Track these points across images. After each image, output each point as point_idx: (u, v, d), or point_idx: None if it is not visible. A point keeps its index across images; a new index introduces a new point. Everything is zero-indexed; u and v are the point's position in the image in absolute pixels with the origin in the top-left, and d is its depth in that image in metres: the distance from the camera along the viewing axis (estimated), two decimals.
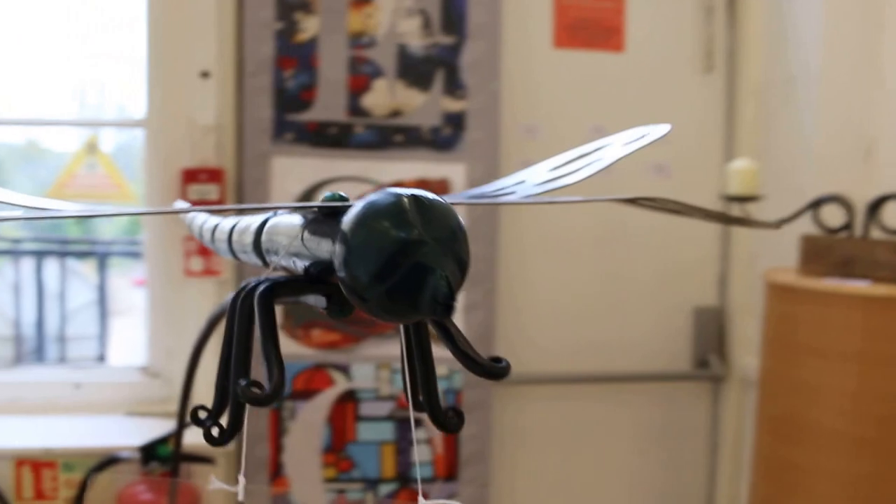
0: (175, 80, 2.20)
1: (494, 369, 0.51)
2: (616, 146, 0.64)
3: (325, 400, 2.24)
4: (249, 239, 0.67)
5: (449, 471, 2.28)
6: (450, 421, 0.56)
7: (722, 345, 2.51)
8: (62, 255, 4.18)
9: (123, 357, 4.14)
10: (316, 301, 0.55)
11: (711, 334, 2.51)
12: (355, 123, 2.24)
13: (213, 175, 2.18)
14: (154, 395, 2.28)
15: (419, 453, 2.28)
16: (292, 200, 2.22)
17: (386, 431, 2.26)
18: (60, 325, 3.98)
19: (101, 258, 4.08)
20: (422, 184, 2.23)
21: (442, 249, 0.47)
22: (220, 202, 2.18)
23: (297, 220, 0.57)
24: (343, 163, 2.23)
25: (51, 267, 4.24)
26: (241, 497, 0.56)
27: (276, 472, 2.23)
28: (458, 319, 2.25)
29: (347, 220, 0.48)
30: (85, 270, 4.36)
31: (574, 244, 2.42)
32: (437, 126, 2.25)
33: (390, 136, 2.24)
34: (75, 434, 2.10)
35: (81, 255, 4.34)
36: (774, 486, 1.90)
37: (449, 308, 0.46)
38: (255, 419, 2.22)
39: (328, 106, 2.23)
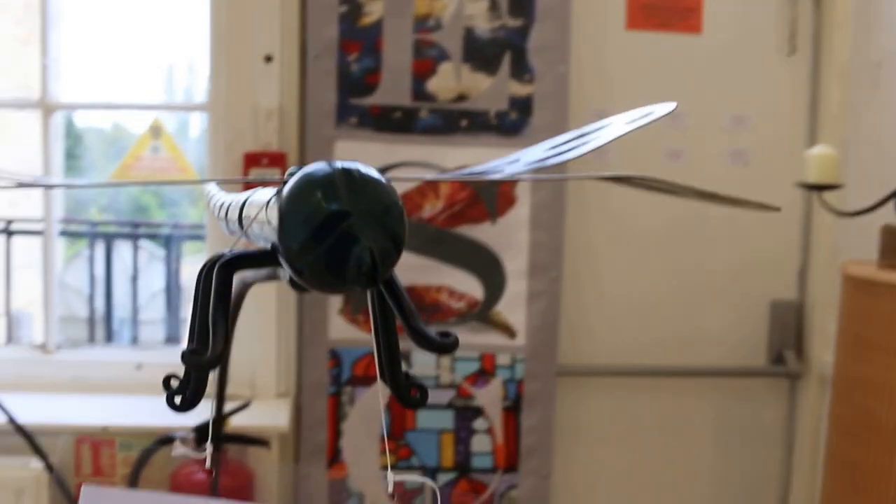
0: (239, 63, 2.25)
1: (442, 344, 0.57)
2: (618, 125, 0.64)
3: (384, 387, 2.27)
4: (235, 214, 0.69)
5: (509, 461, 2.30)
6: (412, 398, 0.59)
7: (800, 340, 2.48)
8: (137, 237, 4.31)
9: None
10: (281, 274, 0.58)
11: (789, 329, 2.47)
12: (420, 108, 2.25)
13: (275, 159, 2.22)
14: (213, 376, 2.34)
15: (480, 443, 2.30)
16: None
17: (446, 420, 2.29)
18: (133, 307, 4.10)
19: (170, 241, 4.19)
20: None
21: (369, 222, 0.49)
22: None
23: (268, 194, 0.58)
24: (407, 147, 2.25)
25: (128, 250, 4.38)
26: (208, 464, 0.59)
27: (334, 457, 2.27)
28: (521, 308, 2.27)
29: (284, 191, 0.51)
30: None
31: (645, 232, 2.40)
32: (504, 110, 2.26)
33: (455, 121, 2.25)
34: (134, 413, 2.17)
35: (154, 237, 4.46)
36: (842, 487, 1.87)
37: (373, 279, 0.49)
38: (313, 404, 2.27)
39: (392, 90, 2.25)
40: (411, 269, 2.25)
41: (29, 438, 1.32)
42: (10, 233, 4.13)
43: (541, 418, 2.30)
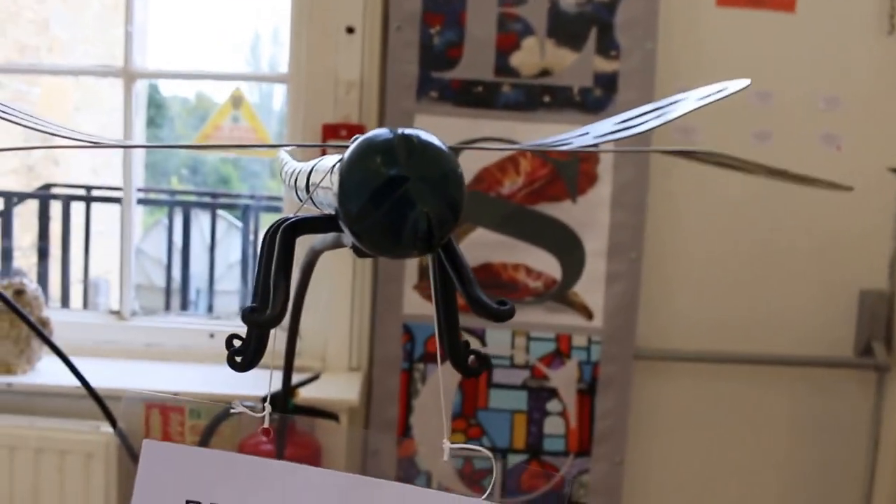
0: (320, 34, 2.30)
1: (499, 312, 0.60)
2: (690, 101, 0.66)
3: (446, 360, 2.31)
4: (303, 182, 0.72)
5: (582, 446, 2.33)
6: (470, 367, 0.63)
7: (890, 332, 2.45)
8: (215, 207, 4.41)
9: None
10: (345, 240, 0.61)
11: (878, 320, 2.44)
12: (502, 83, 2.28)
13: (354, 131, 2.26)
14: (280, 346, 2.39)
15: (552, 425, 2.33)
16: None
17: (519, 400, 2.32)
18: (209, 277, 4.22)
19: (247, 212, 4.29)
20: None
21: (427, 187, 0.52)
22: None
23: (334, 160, 0.60)
24: (488, 123, 2.28)
25: (207, 220, 4.49)
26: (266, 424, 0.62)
27: (404, 434, 2.33)
28: (599, 289, 2.29)
29: (345, 155, 0.54)
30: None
31: (728, 214, 2.40)
32: (588, 87, 2.27)
33: (538, 97, 2.28)
34: (205, 382, 2.24)
35: (232, 208, 4.57)
36: None
37: (429, 244, 0.52)
38: (385, 379, 2.32)
39: (475, 64, 2.28)
40: (488, 246, 2.28)
41: (100, 402, 1.38)
42: (89, 199, 4.27)
43: (616, 402, 2.32)
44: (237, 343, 0.59)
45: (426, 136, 0.54)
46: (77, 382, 1.42)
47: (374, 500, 0.61)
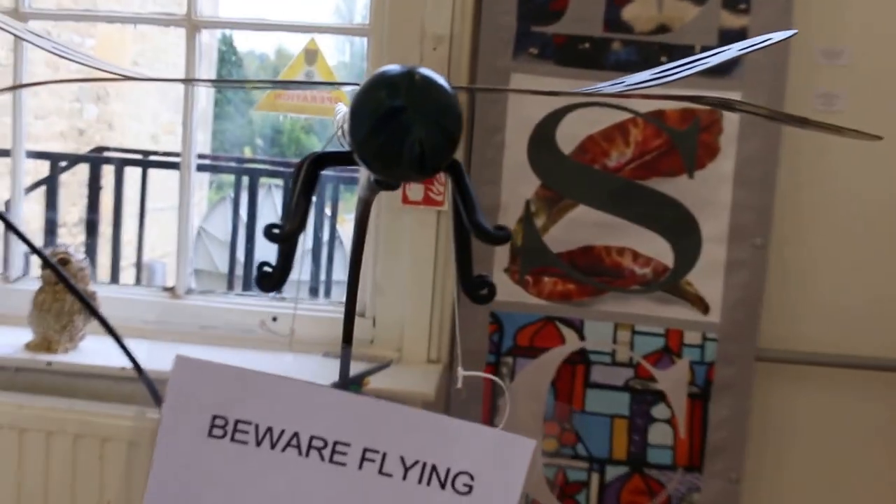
0: None
1: (494, 236, 0.76)
2: (732, 50, 0.74)
3: (551, 360, 2.33)
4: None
5: (692, 459, 2.32)
6: (479, 293, 0.80)
7: None
8: (288, 177, 4.49)
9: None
10: (368, 174, 0.76)
11: None
12: (612, 39, 2.29)
13: None
14: (355, 335, 2.44)
15: (658, 434, 2.33)
16: (530, 128, 2.31)
17: (620, 403, 2.33)
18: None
19: (322, 186, 4.36)
20: (688, 113, 2.27)
21: (424, 118, 0.67)
22: None
23: None
24: (594, 85, 2.28)
25: (280, 196, 4.58)
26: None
27: None
28: (717, 279, 2.28)
29: (356, 90, 0.68)
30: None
31: (871, 194, 2.36)
32: (711, 46, 2.26)
33: (653, 56, 2.28)
34: (262, 368, 2.30)
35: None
36: None
37: (423, 167, 0.68)
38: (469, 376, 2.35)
39: (582, 17, 2.29)
40: (590, 226, 2.29)
41: (150, 385, 1.44)
42: (146, 164, 4.38)
43: (733, 410, 2.31)
44: (266, 268, 0.73)
45: (429, 73, 0.69)
46: (123, 363, 1.47)
47: (390, 421, 0.70)
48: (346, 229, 4.64)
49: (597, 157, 2.29)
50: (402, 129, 0.67)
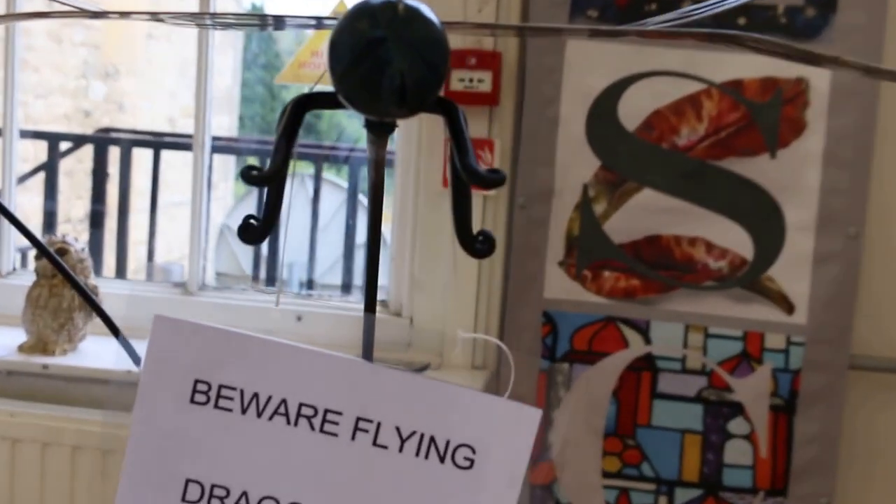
0: None
1: (489, 179, 0.76)
2: None
3: (612, 367, 2.37)
4: None
5: (775, 481, 2.35)
6: (478, 246, 0.81)
7: None
8: (318, 161, 4.57)
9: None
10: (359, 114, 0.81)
11: None
12: None
13: (487, 59, 2.35)
14: (390, 337, 2.51)
15: (736, 452, 2.36)
16: (589, 101, 2.35)
17: (692, 417, 2.36)
18: (310, 247, 4.38)
19: (354, 171, 4.43)
20: (769, 83, 2.30)
21: (405, 49, 0.72)
22: (492, 97, 2.36)
23: None
24: (661, 52, 2.32)
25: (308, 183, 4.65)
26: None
27: (541, 455, 2.40)
28: (804, 274, 2.30)
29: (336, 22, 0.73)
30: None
31: None
32: (797, 6, 2.29)
33: (730, 18, 2.31)
34: None
35: (335, 161, 4.71)
36: None
37: (404, 101, 0.72)
38: (518, 383, 2.38)
39: None
40: (657, 213, 2.33)
41: None
42: (158, 145, 4.46)
43: (823, 425, 2.34)
44: (253, 221, 0.79)
45: (414, 3, 0.73)
46: (129, 367, 1.54)
47: (386, 388, 0.75)
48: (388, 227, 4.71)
49: (665, 133, 2.32)
50: (383, 61, 0.71)
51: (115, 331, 1.71)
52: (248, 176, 0.77)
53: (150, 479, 0.74)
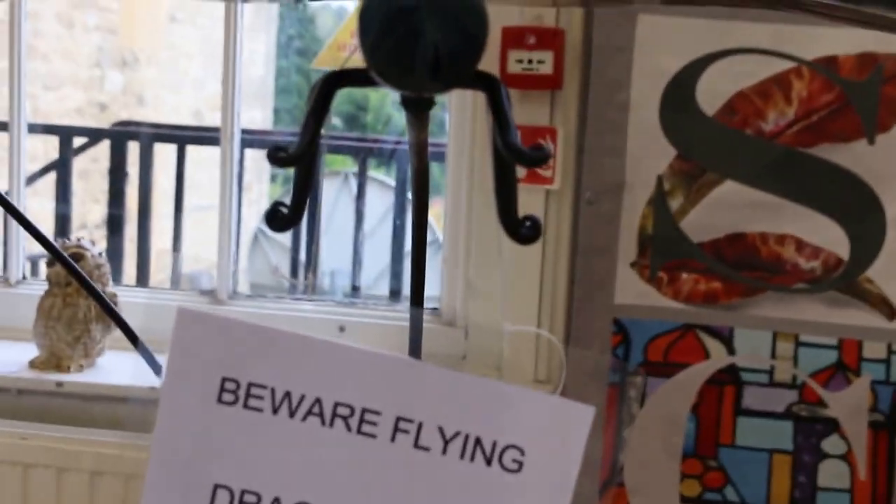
0: None
1: (531, 157, 0.81)
2: None
3: (692, 379, 2.40)
4: None
5: None
6: (523, 230, 0.84)
7: None
8: (364, 155, 4.62)
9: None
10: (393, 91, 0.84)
11: None
12: None
13: (548, 38, 2.38)
14: (443, 349, 2.55)
15: (832, 473, 2.38)
16: (664, 83, 2.38)
17: (781, 435, 2.38)
18: (355, 251, 4.42)
19: (401, 166, 4.47)
20: (867, 59, 2.31)
21: (439, 19, 0.74)
22: (555, 80, 2.39)
23: None
24: (744, 27, 2.35)
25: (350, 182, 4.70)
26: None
27: (610, 478, 2.43)
28: None
29: None
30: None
31: None
32: None
33: None
34: None
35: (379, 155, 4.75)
36: None
37: (438, 75, 0.75)
38: (585, 396, 2.40)
39: None
40: (741, 208, 2.35)
41: None
42: (183, 140, 4.51)
43: None
44: (282, 209, 0.83)
45: None
46: (151, 383, 1.59)
47: (427, 386, 0.78)
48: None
49: (749, 118, 2.35)
50: (415, 31, 0.74)
51: (133, 339, 1.77)
52: (274, 157, 0.80)
53: (175, 486, 0.77)
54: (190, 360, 0.77)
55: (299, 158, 0.81)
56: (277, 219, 0.82)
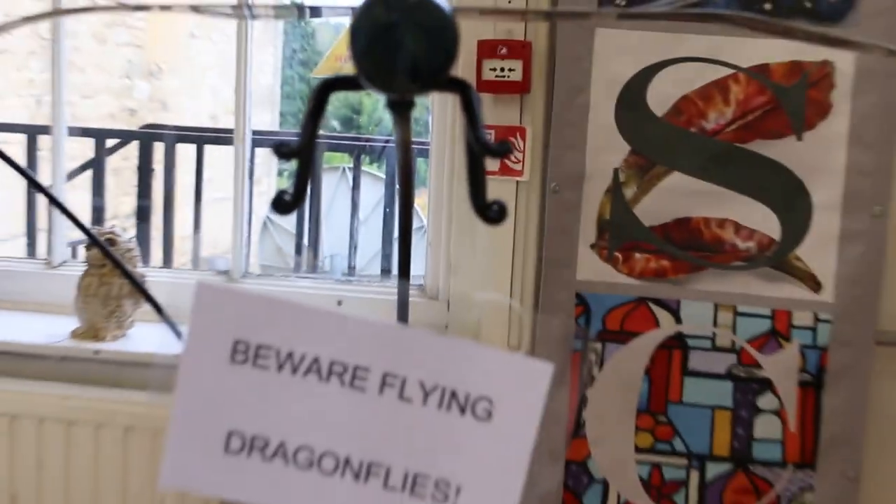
0: None
1: (495, 150, 0.86)
2: None
3: (644, 346, 2.42)
4: None
5: (803, 455, 2.39)
6: (491, 213, 0.87)
7: None
8: (358, 152, 4.65)
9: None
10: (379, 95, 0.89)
11: None
12: None
13: (517, 49, 2.39)
14: (427, 319, 2.57)
15: (765, 427, 2.40)
16: (618, 88, 2.40)
17: (722, 394, 2.40)
18: (350, 236, 4.46)
19: (390, 161, 4.50)
20: (795, 67, 2.33)
21: (416, 33, 0.81)
22: (524, 85, 2.40)
23: None
24: (690, 38, 2.36)
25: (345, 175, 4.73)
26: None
27: (575, 431, 2.45)
28: (830, 253, 2.33)
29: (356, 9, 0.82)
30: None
31: None
32: None
33: (755, 3, 2.34)
34: None
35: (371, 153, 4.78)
36: None
37: (416, 78, 0.82)
38: (551, 361, 2.43)
39: None
40: (687, 196, 2.37)
41: None
42: (201, 140, 4.53)
43: (850, 400, 2.37)
44: (286, 196, 0.88)
45: None
46: (176, 350, 1.61)
47: (410, 346, 0.80)
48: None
49: (693, 118, 2.36)
50: (397, 44, 0.81)
51: (158, 309, 1.78)
52: (279, 151, 0.85)
53: (195, 433, 0.80)
54: (207, 325, 0.80)
55: (299, 152, 0.86)
56: (282, 204, 0.87)
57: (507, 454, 0.80)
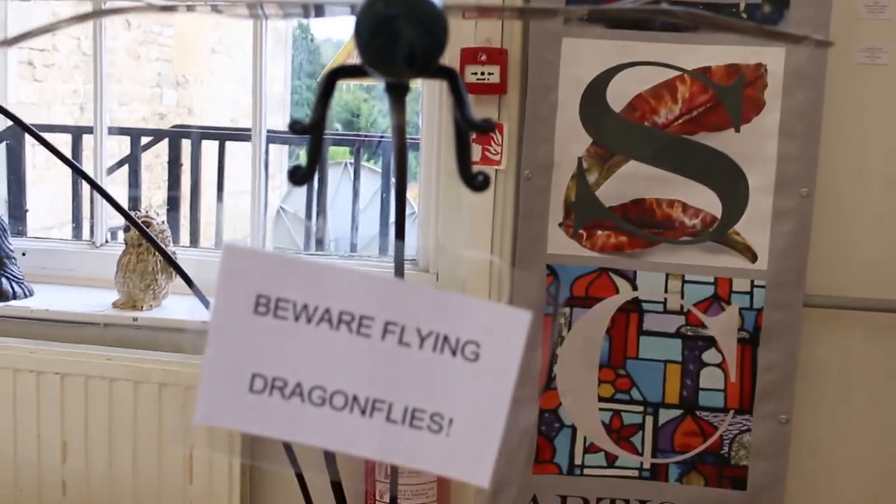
0: None
1: (480, 126, 0.87)
2: None
3: (605, 310, 2.42)
4: None
5: (742, 402, 2.40)
6: (476, 182, 0.88)
7: None
8: (357, 147, 4.66)
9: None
10: (379, 82, 0.90)
11: None
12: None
13: (495, 56, 2.39)
14: None
15: (710, 378, 2.41)
16: (582, 88, 2.39)
17: (672, 350, 2.41)
18: (352, 220, 4.48)
19: (386, 157, 4.53)
20: (733, 69, 2.33)
21: (414, 24, 0.82)
22: (501, 87, 2.40)
23: None
24: (643, 45, 2.36)
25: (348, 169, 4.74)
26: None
27: (547, 384, 2.45)
28: (764, 228, 2.34)
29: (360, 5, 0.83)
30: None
31: None
32: (756, 3, 2.32)
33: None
34: None
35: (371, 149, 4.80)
36: None
37: (413, 64, 0.83)
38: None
39: None
40: (641, 180, 2.37)
41: None
42: (223, 137, 4.53)
43: (782, 354, 2.38)
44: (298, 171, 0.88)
45: None
46: (204, 317, 1.61)
47: (408, 297, 0.81)
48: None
49: (646, 114, 2.36)
50: (396, 34, 0.82)
51: (188, 281, 1.78)
52: (293, 127, 0.86)
53: (224, 376, 0.80)
54: (233, 282, 0.80)
55: (312, 128, 0.86)
56: (297, 176, 0.87)
57: (492, 390, 0.80)
